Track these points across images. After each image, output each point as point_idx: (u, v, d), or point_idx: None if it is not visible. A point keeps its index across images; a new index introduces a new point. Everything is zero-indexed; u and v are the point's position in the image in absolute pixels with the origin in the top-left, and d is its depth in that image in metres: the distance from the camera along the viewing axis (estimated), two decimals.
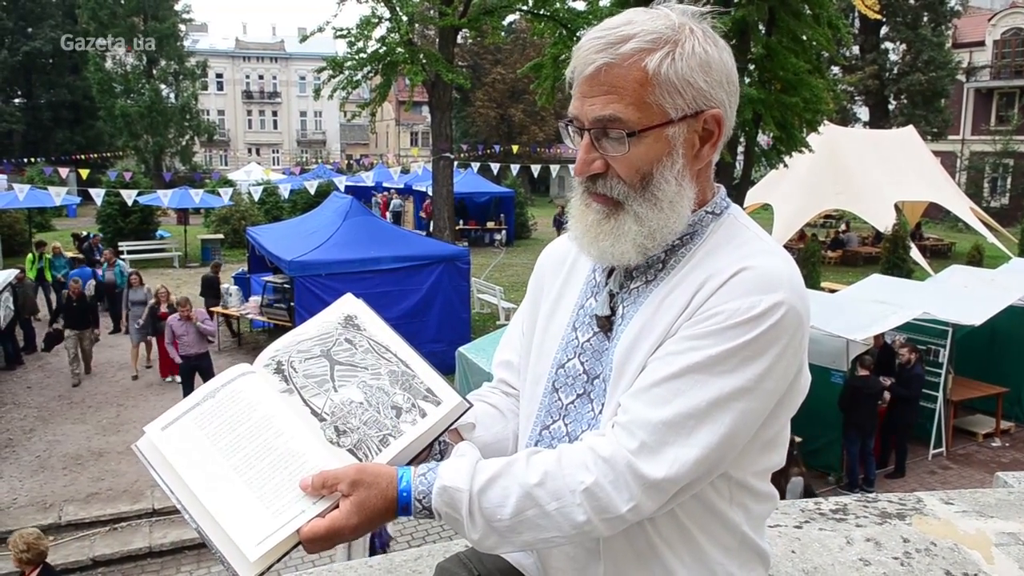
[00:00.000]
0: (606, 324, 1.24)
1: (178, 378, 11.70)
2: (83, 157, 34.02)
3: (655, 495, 1.08)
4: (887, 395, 9.55)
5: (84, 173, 23.72)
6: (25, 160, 34.75)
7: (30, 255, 17.03)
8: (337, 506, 1.11)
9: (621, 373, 1.18)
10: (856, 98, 36.86)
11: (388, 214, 30.80)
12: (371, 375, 1.25)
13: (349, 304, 1.33)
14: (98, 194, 20.94)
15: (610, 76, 1.11)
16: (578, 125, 1.16)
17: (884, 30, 35.64)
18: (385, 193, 32.26)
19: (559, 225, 26.92)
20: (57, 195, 21.32)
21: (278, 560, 1.09)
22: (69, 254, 18.93)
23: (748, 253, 1.15)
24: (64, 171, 24.86)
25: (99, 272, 16.41)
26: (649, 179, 1.15)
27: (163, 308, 12.29)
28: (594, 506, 1.07)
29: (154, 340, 12.90)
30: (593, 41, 1.13)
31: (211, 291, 15.20)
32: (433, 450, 1.26)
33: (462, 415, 1.25)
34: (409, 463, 1.19)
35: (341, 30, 15.71)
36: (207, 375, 10.75)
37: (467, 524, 1.09)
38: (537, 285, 1.41)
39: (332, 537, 1.09)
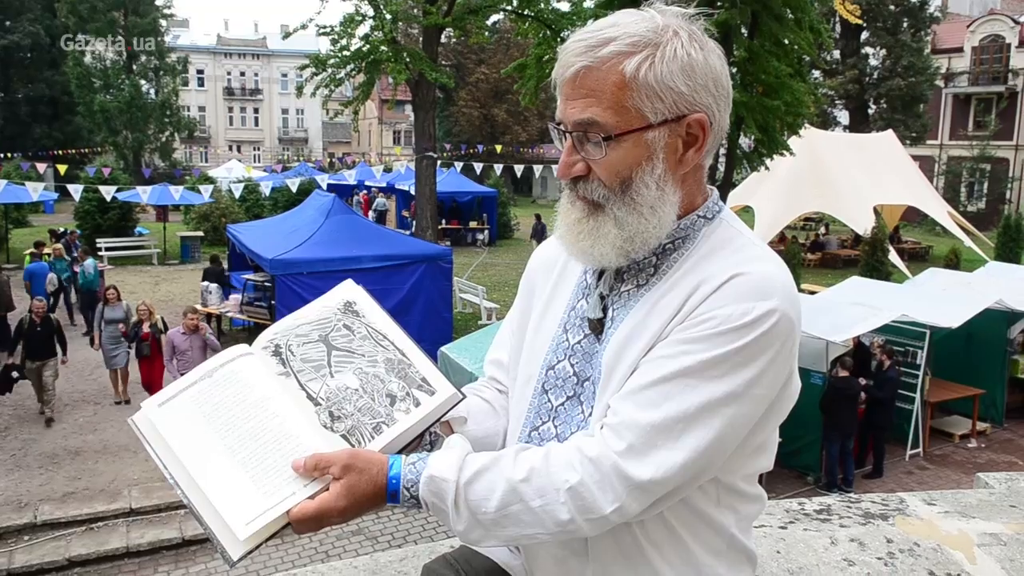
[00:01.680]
0: (597, 327, 1.23)
1: None
2: (61, 153, 33.60)
3: (640, 497, 1.07)
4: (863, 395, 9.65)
5: (62, 169, 23.42)
6: (2, 155, 34.27)
7: (27, 257, 16.21)
8: (327, 489, 1.12)
9: (610, 375, 1.17)
10: (836, 102, 37.20)
11: (371, 213, 30.67)
12: (368, 362, 1.26)
13: (349, 290, 1.35)
14: (76, 190, 20.72)
15: (589, 79, 1.11)
16: (562, 128, 1.16)
17: (865, 35, 36.01)
18: (366, 191, 32.10)
19: (537, 235, 26.53)
20: (34, 191, 21.05)
21: (267, 540, 1.11)
22: (46, 250, 18.60)
23: (743, 259, 1.14)
24: (42, 166, 24.54)
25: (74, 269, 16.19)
26: (629, 183, 1.14)
27: (146, 327, 10.58)
28: (578, 505, 1.07)
29: (138, 364, 10.88)
30: (575, 44, 1.12)
31: (218, 281, 15.33)
32: (424, 440, 1.26)
33: (455, 406, 1.25)
34: (401, 451, 1.19)
35: (324, 28, 15.63)
36: None
37: (452, 515, 1.10)
38: (528, 287, 1.41)
39: (320, 519, 1.11)
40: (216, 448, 1.14)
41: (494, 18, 24.76)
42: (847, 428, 9.31)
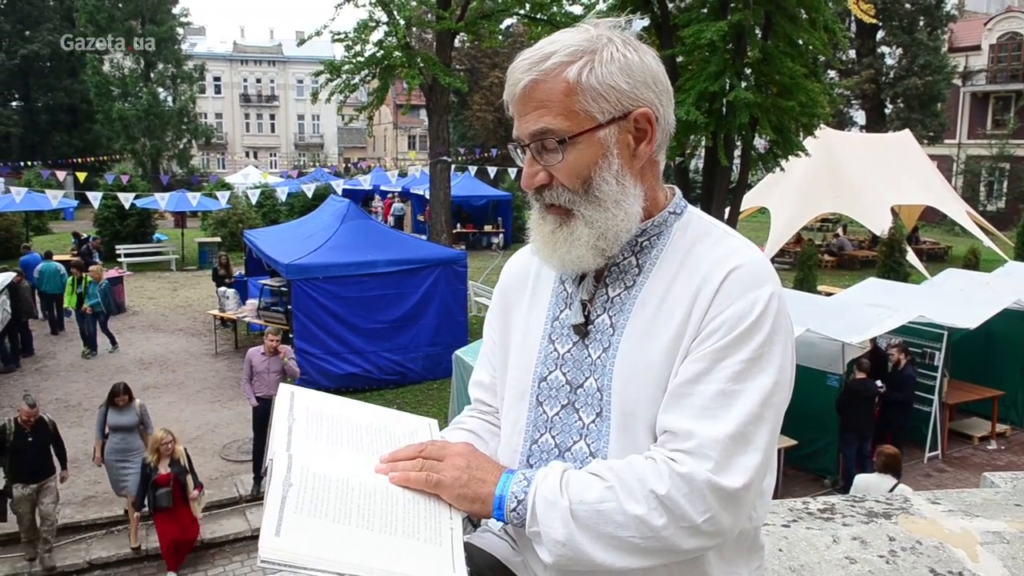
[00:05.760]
0: (582, 330, 1.28)
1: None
2: (80, 160, 33.96)
3: (732, 507, 1.11)
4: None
5: (81, 176, 23.75)
6: (22, 163, 34.77)
7: (71, 279, 14.98)
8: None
9: (627, 381, 1.21)
10: (852, 102, 36.93)
11: (391, 218, 30.76)
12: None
13: (288, 392, 1.34)
14: (95, 197, 20.97)
15: (537, 92, 1.19)
16: (520, 144, 1.22)
17: (880, 34, 35.75)
18: (388, 197, 32.23)
19: None
20: (54, 198, 21.35)
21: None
22: (65, 257, 18.79)
23: (728, 251, 1.21)
24: (61, 174, 24.82)
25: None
26: (589, 182, 1.20)
27: (162, 469, 7.53)
28: (669, 513, 1.10)
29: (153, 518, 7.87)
30: (520, 63, 1.20)
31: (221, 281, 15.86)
32: None
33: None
34: None
35: (338, 34, 15.72)
36: None
37: (559, 501, 1.13)
38: (503, 305, 1.45)
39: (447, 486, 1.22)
40: (361, 538, 1.10)
41: (507, 22, 24.80)
42: (864, 430, 9.24)
